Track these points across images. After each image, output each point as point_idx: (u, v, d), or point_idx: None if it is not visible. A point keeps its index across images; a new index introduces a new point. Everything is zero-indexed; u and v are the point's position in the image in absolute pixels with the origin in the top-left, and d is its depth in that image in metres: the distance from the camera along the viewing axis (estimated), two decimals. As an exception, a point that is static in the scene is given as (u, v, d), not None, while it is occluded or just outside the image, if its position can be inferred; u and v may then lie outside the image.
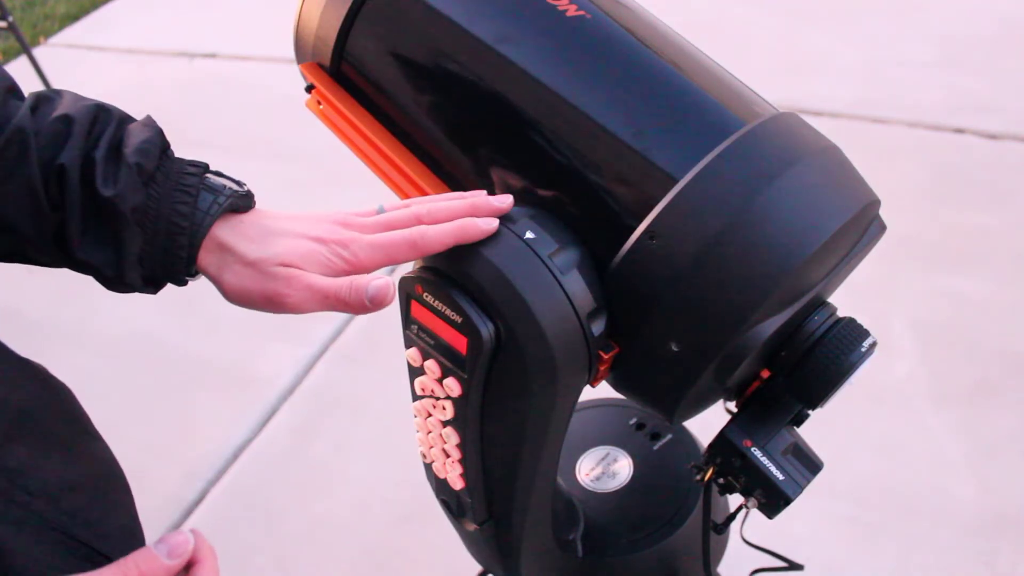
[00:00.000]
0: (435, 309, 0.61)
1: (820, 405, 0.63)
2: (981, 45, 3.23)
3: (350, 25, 0.70)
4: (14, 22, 3.37)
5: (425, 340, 0.63)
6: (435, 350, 0.63)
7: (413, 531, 1.83)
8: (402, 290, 0.63)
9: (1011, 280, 2.26)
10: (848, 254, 0.63)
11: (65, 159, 0.59)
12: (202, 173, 0.64)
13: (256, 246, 0.61)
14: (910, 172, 2.65)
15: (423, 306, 0.62)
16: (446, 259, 0.61)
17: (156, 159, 0.61)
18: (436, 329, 0.62)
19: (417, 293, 0.62)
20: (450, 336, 0.61)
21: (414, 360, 0.65)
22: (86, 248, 0.60)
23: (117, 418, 2.30)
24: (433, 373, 0.64)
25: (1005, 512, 1.76)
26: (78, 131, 0.60)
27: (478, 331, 0.59)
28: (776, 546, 0.86)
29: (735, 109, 0.63)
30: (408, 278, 0.63)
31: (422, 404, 0.68)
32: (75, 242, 0.60)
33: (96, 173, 0.59)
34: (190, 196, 0.61)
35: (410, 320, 0.64)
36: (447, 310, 0.60)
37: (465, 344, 0.60)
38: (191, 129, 3.46)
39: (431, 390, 0.65)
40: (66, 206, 0.59)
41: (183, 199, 0.61)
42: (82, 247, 0.60)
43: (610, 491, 0.87)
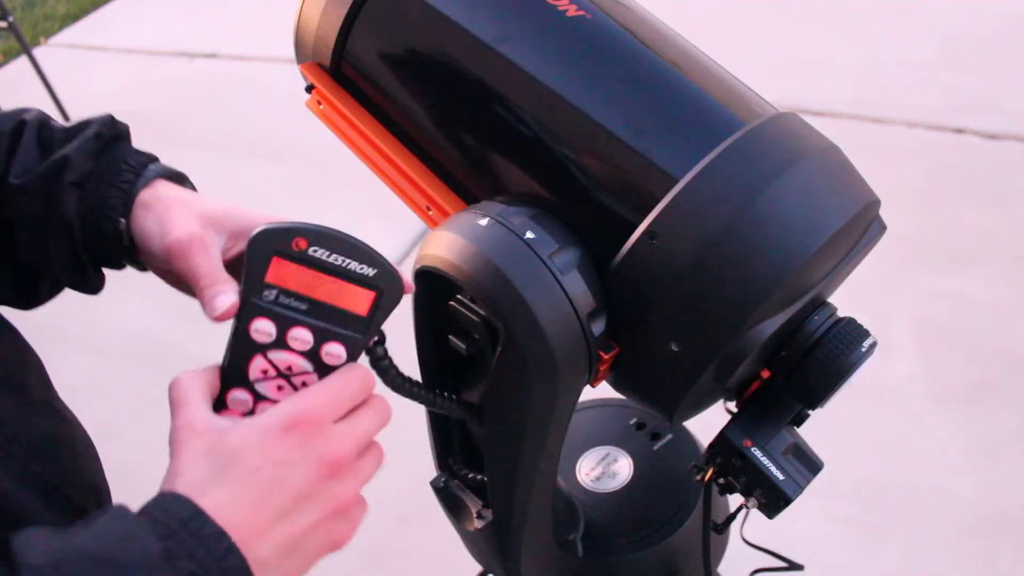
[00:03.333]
0: (326, 265, 0.53)
1: (820, 405, 0.63)
2: (981, 45, 3.23)
3: (350, 25, 0.70)
4: (14, 22, 3.37)
5: (288, 307, 0.54)
6: (306, 315, 0.54)
7: (413, 531, 1.83)
8: (259, 247, 0.54)
9: (1011, 280, 2.26)
10: (848, 254, 0.63)
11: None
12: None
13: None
14: (910, 172, 2.65)
15: (302, 264, 0.53)
16: (446, 260, 0.61)
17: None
18: (314, 290, 0.54)
19: (296, 249, 0.53)
20: (342, 295, 0.54)
21: (264, 334, 0.54)
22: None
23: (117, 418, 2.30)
24: (302, 344, 0.54)
25: (1005, 512, 1.76)
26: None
27: (398, 280, 0.54)
28: (776, 546, 0.86)
29: (735, 109, 0.63)
30: (274, 231, 0.54)
31: (242, 393, 0.55)
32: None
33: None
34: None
35: (263, 285, 0.54)
36: (350, 263, 0.53)
37: (369, 300, 0.54)
38: (191, 129, 3.46)
39: (286, 368, 0.54)
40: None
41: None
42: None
43: (610, 491, 0.87)
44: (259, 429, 0.49)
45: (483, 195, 0.68)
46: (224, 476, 0.48)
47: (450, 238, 0.62)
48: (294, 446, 0.49)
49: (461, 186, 0.70)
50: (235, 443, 0.49)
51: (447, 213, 0.68)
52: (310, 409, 0.50)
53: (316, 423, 0.50)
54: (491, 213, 0.61)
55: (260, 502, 0.48)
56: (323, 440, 0.50)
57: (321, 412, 0.51)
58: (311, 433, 0.50)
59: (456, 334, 0.66)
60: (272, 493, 0.48)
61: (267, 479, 0.48)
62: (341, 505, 0.51)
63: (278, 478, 0.48)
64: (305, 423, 0.50)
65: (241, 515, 0.47)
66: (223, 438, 0.49)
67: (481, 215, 0.62)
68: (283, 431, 0.49)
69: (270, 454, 0.49)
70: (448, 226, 0.63)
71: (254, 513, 0.47)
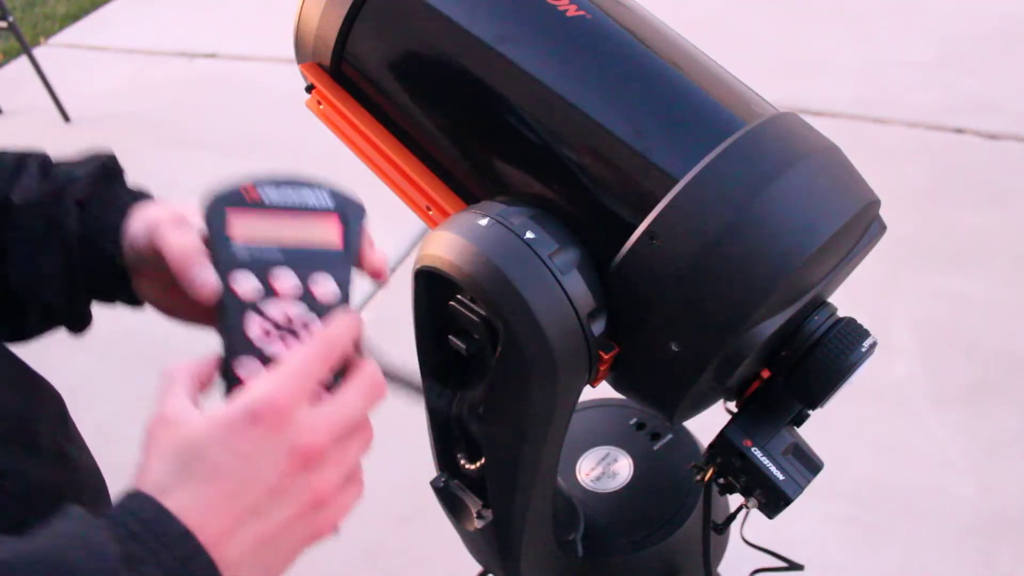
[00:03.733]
0: (280, 203, 0.53)
1: (820, 405, 0.63)
2: (981, 45, 3.23)
3: (350, 25, 0.70)
4: (14, 22, 3.37)
5: (263, 255, 0.52)
6: (285, 262, 0.52)
7: (413, 531, 1.83)
8: (212, 208, 0.53)
9: (1011, 280, 2.26)
10: (848, 254, 0.63)
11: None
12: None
13: None
14: (910, 172, 2.65)
15: (259, 209, 0.53)
16: (446, 261, 0.61)
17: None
18: (282, 232, 0.53)
19: (248, 198, 0.53)
20: (308, 229, 0.53)
21: (248, 286, 0.52)
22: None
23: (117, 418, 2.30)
24: (288, 286, 0.52)
25: (1005, 512, 1.76)
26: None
27: (352, 199, 0.53)
28: (776, 546, 0.86)
29: (735, 109, 0.63)
30: (221, 190, 0.53)
31: (249, 359, 0.52)
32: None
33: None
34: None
35: (229, 243, 0.52)
36: (303, 191, 0.53)
37: (337, 227, 0.53)
38: (191, 129, 3.46)
39: (285, 317, 0.52)
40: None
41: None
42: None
43: (610, 491, 0.87)
44: (223, 421, 0.46)
45: (483, 195, 0.68)
46: (188, 473, 0.45)
47: (450, 238, 0.62)
48: (260, 437, 0.46)
49: (461, 186, 0.70)
50: (199, 437, 0.46)
51: (447, 213, 0.68)
52: (275, 394, 0.47)
53: (283, 410, 0.46)
54: (491, 213, 0.61)
55: (227, 499, 0.45)
56: (293, 429, 0.47)
57: (289, 396, 0.47)
58: (278, 422, 0.46)
59: (456, 334, 0.66)
60: (240, 490, 0.46)
61: (234, 475, 0.45)
62: (318, 497, 0.48)
63: (245, 474, 0.46)
64: (271, 411, 0.46)
65: (207, 514, 0.44)
66: (191, 433, 0.46)
67: (481, 215, 0.62)
68: (248, 422, 0.46)
69: (235, 448, 0.46)
70: (448, 226, 0.63)
71: (221, 511, 0.45)
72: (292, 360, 0.49)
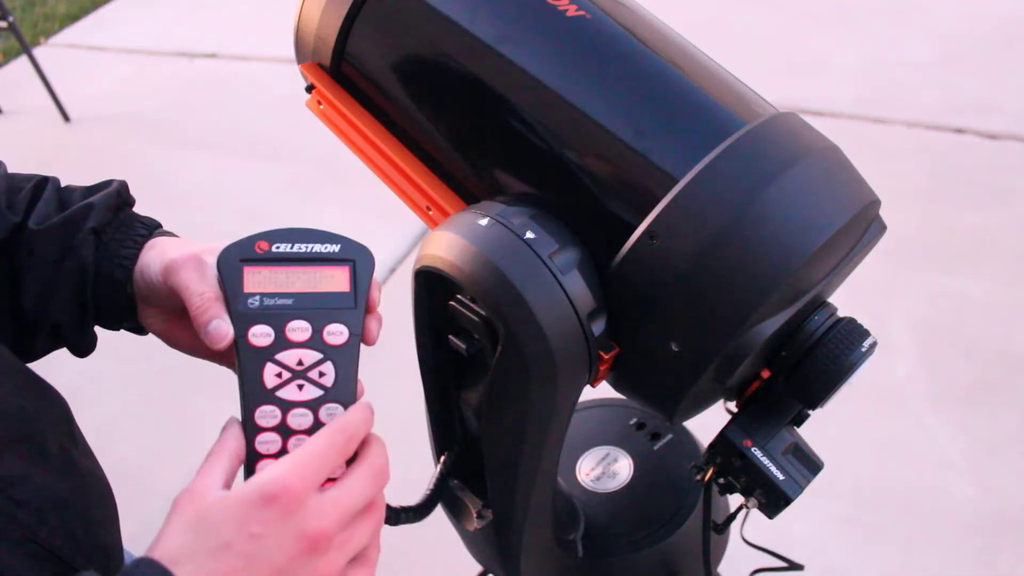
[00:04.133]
0: (294, 256, 0.56)
1: (820, 405, 0.63)
2: (981, 45, 3.23)
3: (350, 25, 0.70)
4: (14, 22, 3.37)
5: (275, 307, 0.55)
6: (297, 309, 0.55)
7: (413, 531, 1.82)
8: (228, 263, 0.56)
9: (1011, 280, 2.26)
10: (848, 254, 0.63)
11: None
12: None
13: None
14: (910, 172, 2.65)
15: (271, 264, 0.56)
16: (446, 261, 0.61)
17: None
18: (292, 284, 0.56)
19: (261, 252, 0.56)
20: (320, 279, 0.56)
21: (263, 340, 0.54)
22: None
23: (117, 418, 2.30)
24: (303, 334, 0.55)
25: (1005, 512, 1.76)
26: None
27: (362, 247, 0.56)
28: (776, 546, 0.86)
29: (735, 109, 0.63)
30: (234, 245, 0.56)
31: (268, 407, 0.54)
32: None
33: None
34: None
35: (244, 296, 0.55)
36: (315, 246, 0.56)
37: (348, 274, 0.56)
38: (191, 129, 3.46)
39: (297, 362, 0.54)
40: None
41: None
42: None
43: (610, 491, 0.87)
44: (239, 500, 0.48)
45: (483, 195, 0.68)
46: (199, 547, 0.47)
47: (450, 238, 0.62)
48: (271, 520, 0.48)
49: (461, 186, 0.69)
50: (216, 515, 0.48)
51: (447, 213, 0.68)
52: (290, 479, 0.48)
53: (297, 495, 0.48)
54: (491, 213, 0.61)
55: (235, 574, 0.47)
56: (303, 514, 0.48)
57: (303, 482, 0.49)
58: (291, 507, 0.48)
59: (456, 334, 0.66)
60: (245, 568, 0.47)
61: (240, 554, 0.47)
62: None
63: (252, 553, 0.47)
64: (285, 495, 0.48)
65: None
66: (208, 509, 0.48)
67: (481, 215, 0.62)
68: (262, 504, 0.48)
69: (246, 528, 0.47)
70: (448, 226, 0.63)
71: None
72: (309, 446, 0.51)
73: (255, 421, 0.54)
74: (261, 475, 0.49)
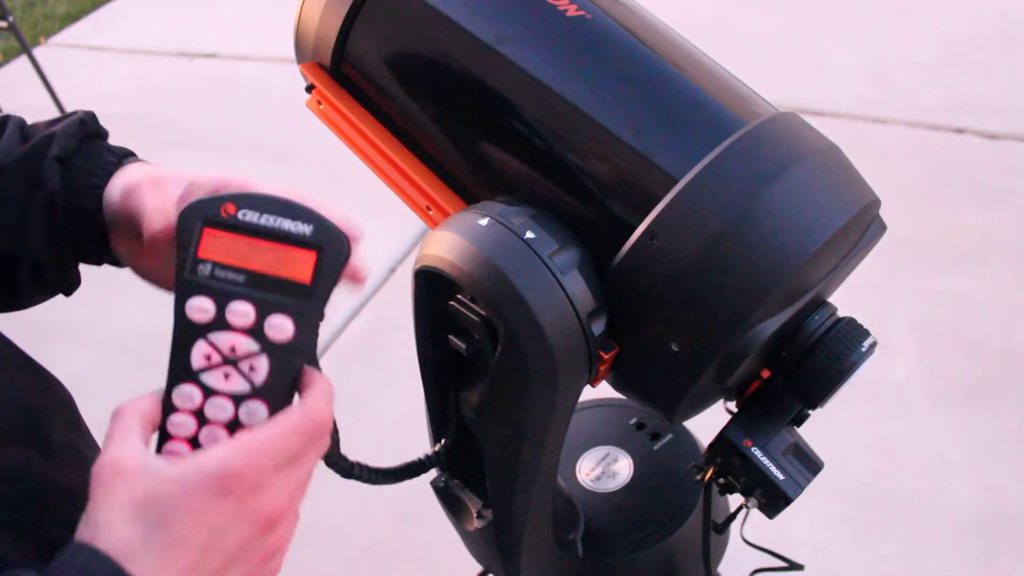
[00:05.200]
0: (259, 229, 0.50)
1: (820, 405, 0.63)
2: (981, 45, 3.23)
3: (350, 25, 0.70)
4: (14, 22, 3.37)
5: (225, 280, 0.50)
6: (245, 288, 0.50)
7: (413, 531, 1.83)
8: (188, 220, 0.51)
9: (1011, 280, 2.26)
10: (848, 254, 0.63)
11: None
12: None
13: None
14: (910, 172, 2.65)
15: (234, 231, 0.50)
16: (446, 260, 0.61)
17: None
18: (250, 259, 0.50)
19: (225, 216, 0.50)
20: (280, 260, 0.50)
21: (200, 315, 0.50)
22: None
23: (117, 418, 2.30)
24: (243, 319, 0.49)
25: (1005, 512, 1.76)
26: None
27: (338, 235, 0.50)
28: (776, 546, 0.86)
29: (735, 109, 0.63)
30: (202, 201, 0.51)
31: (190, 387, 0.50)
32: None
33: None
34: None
35: (196, 261, 0.50)
36: (285, 222, 0.50)
37: (312, 262, 0.50)
38: (191, 129, 3.46)
39: (230, 349, 0.50)
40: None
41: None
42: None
43: (610, 491, 0.87)
44: (192, 488, 0.45)
45: (483, 195, 0.68)
46: (151, 541, 0.44)
47: (450, 238, 0.62)
48: (229, 510, 0.45)
49: (461, 186, 0.69)
50: (166, 501, 0.45)
51: (447, 213, 0.68)
52: (248, 470, 0.46)
53: (254, 483, 0.46)
54: (491, 213, 0.61)
55: (191, 569, 0.45)
56: (259, 498, 0.46)
57: (261, 472, 0.46)
58: (247, 494, 0.46)
59: (456, 334, 0.66)
60: (204, 559, 0.45)
61: (196, 546, 0.45)
62: (272, 552, 0.49)
63: (211, 544, 0.45)
64: (240, 485, 0.45)
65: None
66: (152, 492, 0.45)
67: (481, 215, 0.62)
68: (217, 493, 0.45)
69: (201, 520, 0.45)
70: (448, 226, 0.63)
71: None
72: (267, 431, 0.48)
73: (172, 399, 0.49)
74: (215, 459, 0.46)
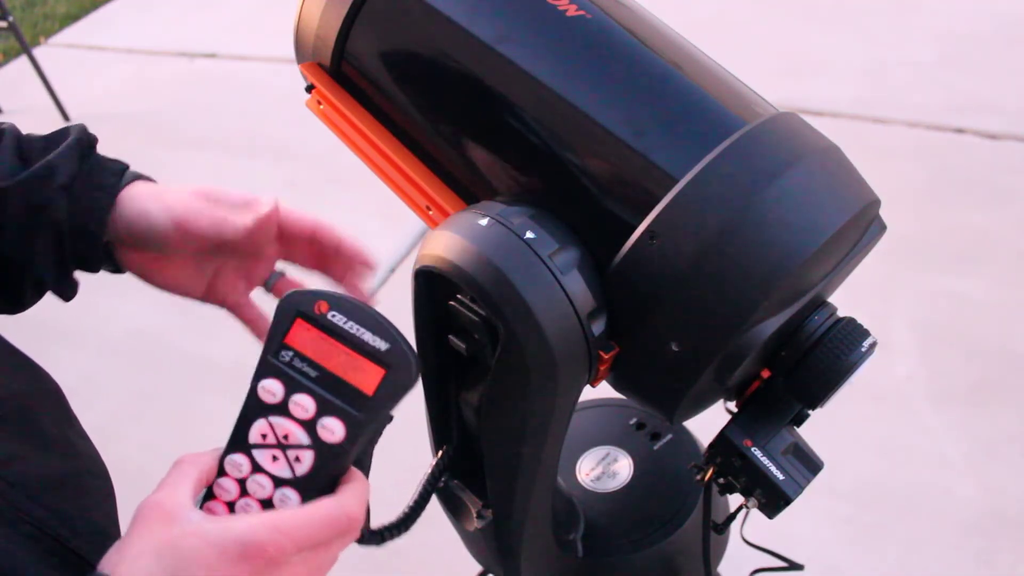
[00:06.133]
0: (341, 332, 0.53)
1: (820, 405, 0.63)
2: (981, 45, 3.23)
3: (350, 25, 0.70)
4: (14, 22, 3.37)
5: (299, 371, 0.54)
6: (314, 383, 0.53)
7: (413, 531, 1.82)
8: (285, 308, 0.55)
9: (1011, 280, 2.26)
10: (848, 254, 0.63)
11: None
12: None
13: None
14: (910, 172, 2.65)
15: (319, 328, 0.54)
16: (445, 260, 0.61)
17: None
18: (327, 359, 0.53)
19: (317, 312, 0.54)
20: (352, 367, 0.53)
21: (269, 397, 0.54)
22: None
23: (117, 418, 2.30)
24: (303, 412, 0.53)
25: (1005, 512, 1.76)
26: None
27: (409, 360, 0.53)
28: (776, 546, 0.86)
29: (735, 109, 0.63)
30: (302, 293, 0.55)
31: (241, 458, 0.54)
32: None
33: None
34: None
35: (281, 346, 0.54)
36: (366, 334, 0.53)
37: (378, 378, 0.52)
38: (191, 129, 3.46)
39: (283, 435, 0.53)
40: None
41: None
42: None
43: (610, 491, 0.87)
44: (216, 545, 0.48)
45: (483, 195, 0.68)
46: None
47: (450, 238, 0.62)
48: (243, 575, 0.48)
49: (461, 186, 0.70)
50: (189, 552, 0.48)
51: (447, 213, 0.68)
52: (271, 546, 0.49)
53: (273, 559, 0.49)
54: (491, 213, 0.61)
55: None
56: (273, 572, 0.49)
57: (283, 551, 0.49)
58: (263, 566, 0.49)
59: (456, 334, 0.66)
60: None
61: None
62: None
63: None
64: (262, 557, 0.48)
65: None
66: (180, 540, 0.48)
67: (481, 215, 0.62)
68: (238, 557, 0.48)
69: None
70: (448, 226, 0.63)
71: None
72: (300, 514, 0.51)
73: (224, 463, 0.54)
74: (244, 526, 0.49)
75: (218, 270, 0.74)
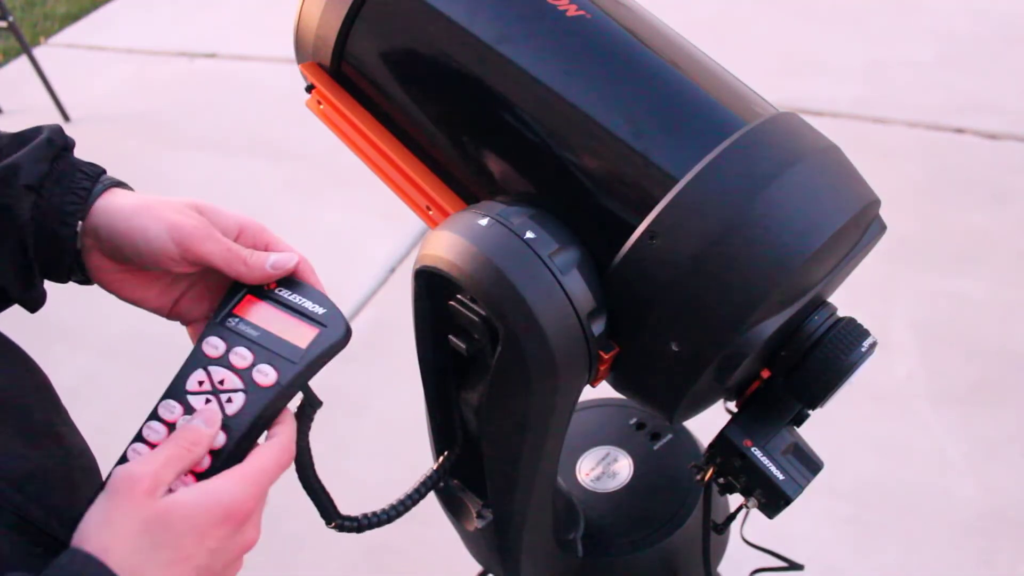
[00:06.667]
0: (286, 303, 0.61)
1: (820, 405, 0.63)
2: (981, 45, 3.23)
3: (350, 25, 0.70)
4: (14, 22, 3.37)
5: (242, 333, 0.60)
6: (254, 341, 0.60)
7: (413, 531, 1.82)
8: (238, 286, 0.63)
9: (1011, 280, 2.26)
10: (848, 254, 0.63)
11: None
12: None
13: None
14: (910, 172, 2.65)
15: (266, 300, 0.62)
16: (446, 260, 0.61)
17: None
18: (270, 323, 0.61)
19: (267, 288, 0.62)
20: (288, 327, 0.60)
21: (211, 351, 0.60)
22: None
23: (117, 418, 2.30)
24: (241, 361, 0.59)
25: (1005, 512, 1.76)
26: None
27: (342, 322, 0.60)
28: (776, 546, 0.86)
29: (735, 109, 0.63)
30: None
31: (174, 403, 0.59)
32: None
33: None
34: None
35: (229, 315, 0.62)
36: (307, 303, 0.61)
37: (312, 335, 0.59)
38: (191, 129, 3.46)
39: (220, 380, 0.59)
40: None
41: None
42: None
43: (610, 491, 0.87)
44: (204, 510, 0.52)
45: (483, 195, 0.68)
46: (155, 559, 0.50)
47: (450, 238, 0.62)
48: (227, 535, 0.53)
49: (461, 186, 0.70)
50: (179, 523, 0.51)
51: (447, 213, 0.68)
52: (248, 499, 0.53)
53: (249, 512, 0.53)
54: (491, 213, 0.61)
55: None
56: (247, 526, 0.54)
57: (257, 500, 0.54)
58: (242, 522, 0.53)
59: (456, 334, 0.66)
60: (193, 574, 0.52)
61: (196, 566, 0.51)
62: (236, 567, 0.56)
63: (207, 564, 0.52)
64: (241, 513, 0.53)
65: None
66: (166, 514, 0.51)
67: (481, 215, 0.62)
68: (223, 520, 0.52)
69: (206, 542, 0.52)
70: (448, 226, 0.63)
71: None
72: (259, 463, 0.55)
73: (157, 408, 0.58)
74: (223, 489, 0.53)
75: (188, 289, 0.70)
